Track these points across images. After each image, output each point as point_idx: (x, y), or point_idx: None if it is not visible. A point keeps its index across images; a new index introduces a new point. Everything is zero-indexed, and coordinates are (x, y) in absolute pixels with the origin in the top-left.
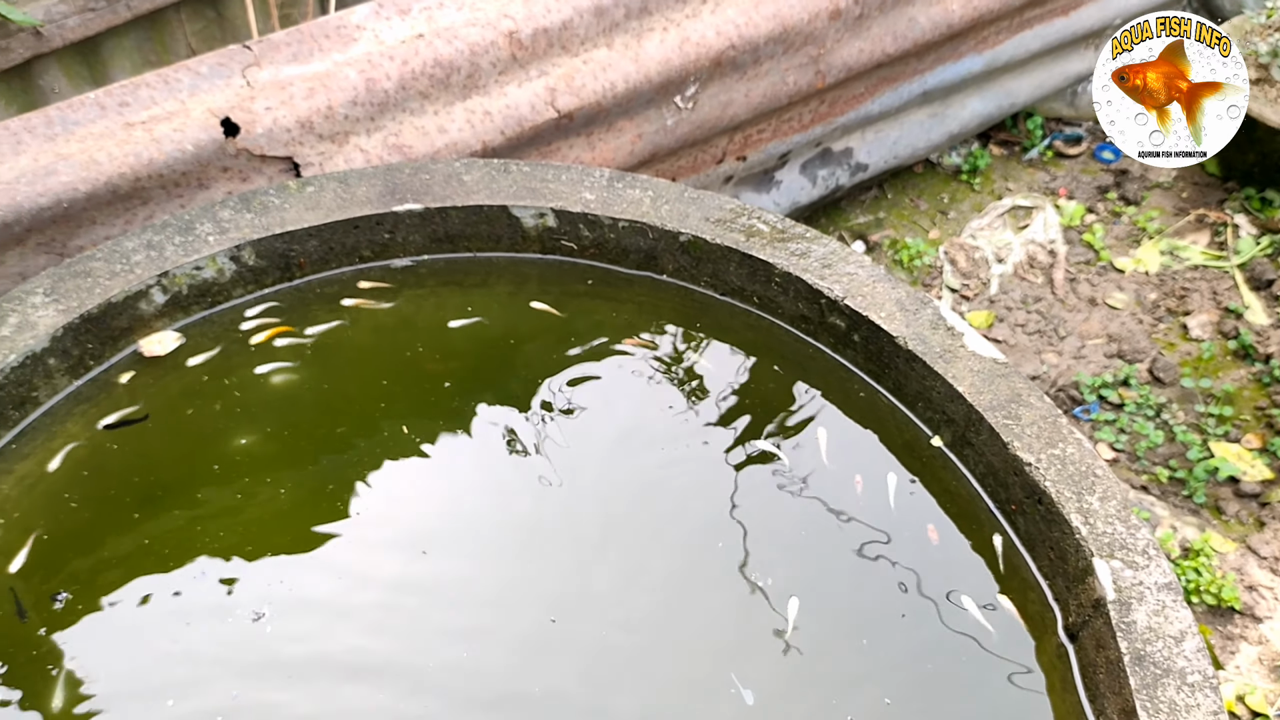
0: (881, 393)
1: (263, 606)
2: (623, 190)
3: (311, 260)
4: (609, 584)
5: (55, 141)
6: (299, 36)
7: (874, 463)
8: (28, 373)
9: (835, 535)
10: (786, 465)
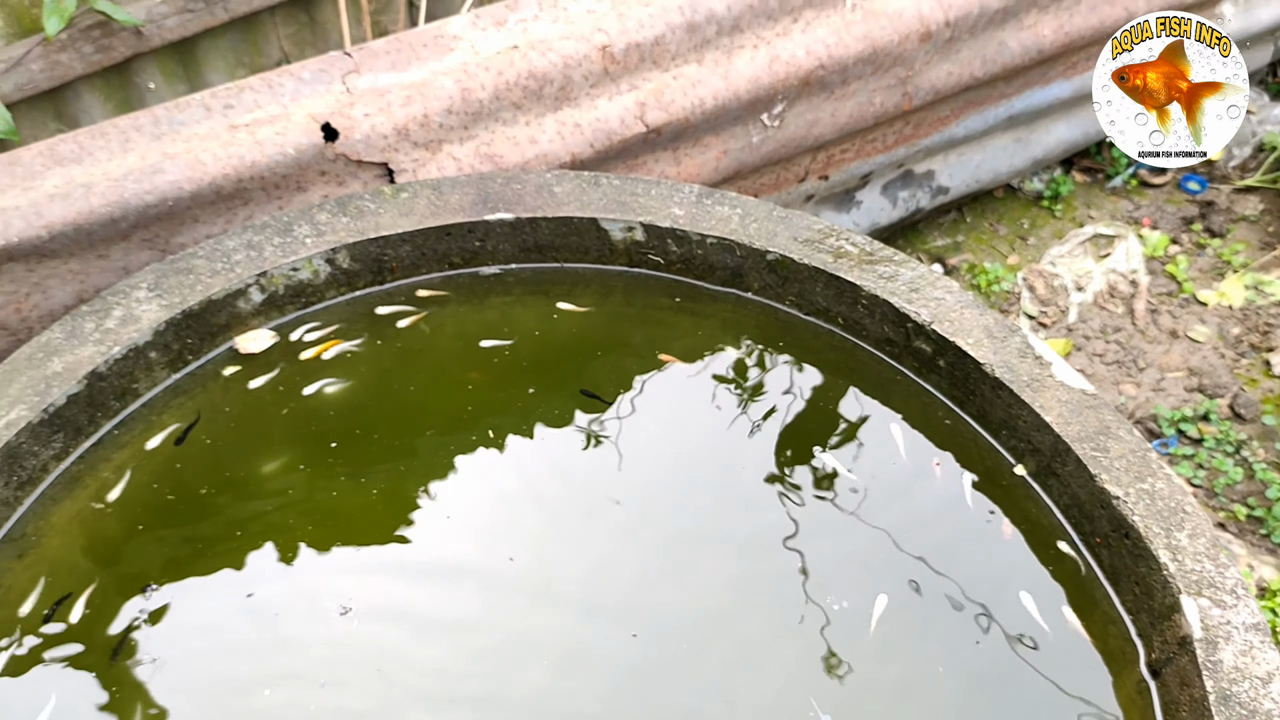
0: (964, 419)
1: (350, 601)
2: (711, 207)
3: (403, 265)
4: (686, 602)
5: (162, 141)
6: (398, 45)
7: (953, 489)
8: (130, 364)
9: (908, 558)
10: (862, 486)
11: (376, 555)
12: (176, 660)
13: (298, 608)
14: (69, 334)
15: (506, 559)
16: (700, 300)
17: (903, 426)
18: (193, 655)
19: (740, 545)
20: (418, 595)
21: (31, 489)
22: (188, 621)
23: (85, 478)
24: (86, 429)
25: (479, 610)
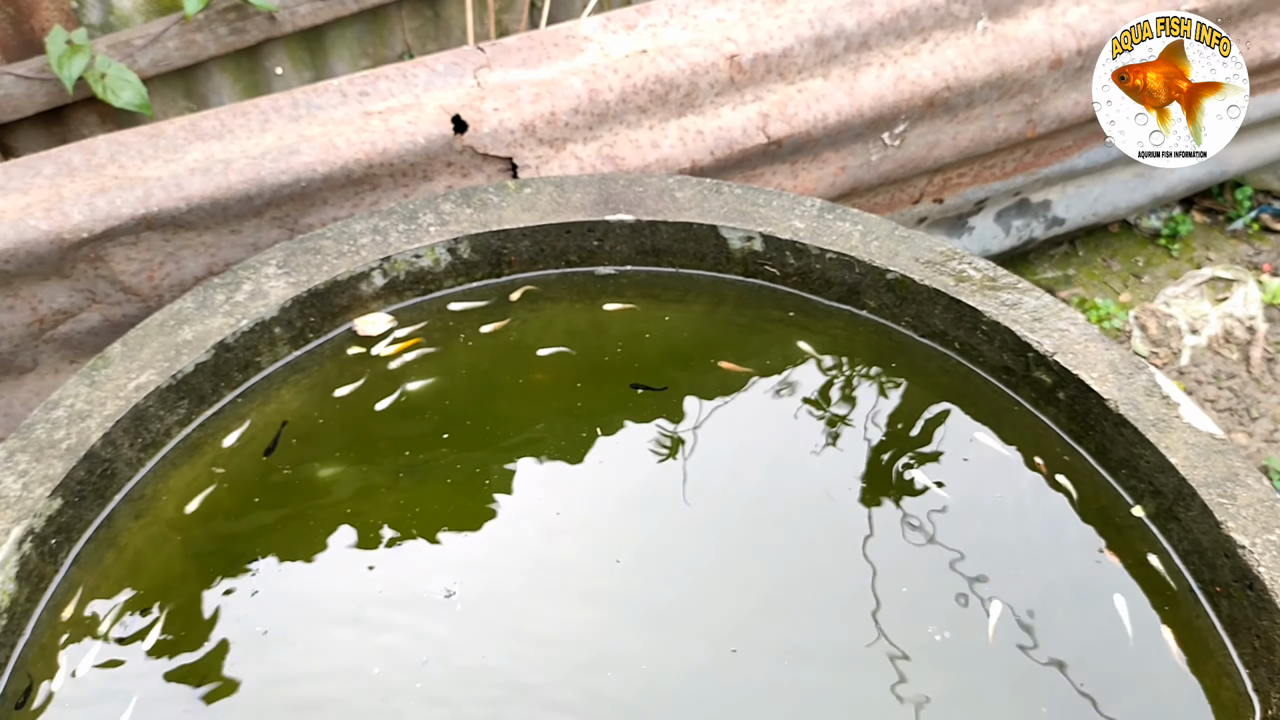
0: (1081, 454)
1: (454, 585)
2: (833, 222)
3: (521, 259)
4: (795, 622)
5: (299, 123)
6: (529, 43)
7: (1062, 524)
8: (255, 338)
9: (1011, 592)
10: (965, 513)
11: (483, 545)
12: (278, 632)
13: (402, 589)
14: (200, 304)
15: (613, 560)
16: (813, 315)
17: (1014, 457)
18: (296, 627)
19: (838, 568)
20: (524, 585)
21: (154, 452)
22: (290, 595)
23: (204, 446)
24: (210, 398)
25: (580, 610)
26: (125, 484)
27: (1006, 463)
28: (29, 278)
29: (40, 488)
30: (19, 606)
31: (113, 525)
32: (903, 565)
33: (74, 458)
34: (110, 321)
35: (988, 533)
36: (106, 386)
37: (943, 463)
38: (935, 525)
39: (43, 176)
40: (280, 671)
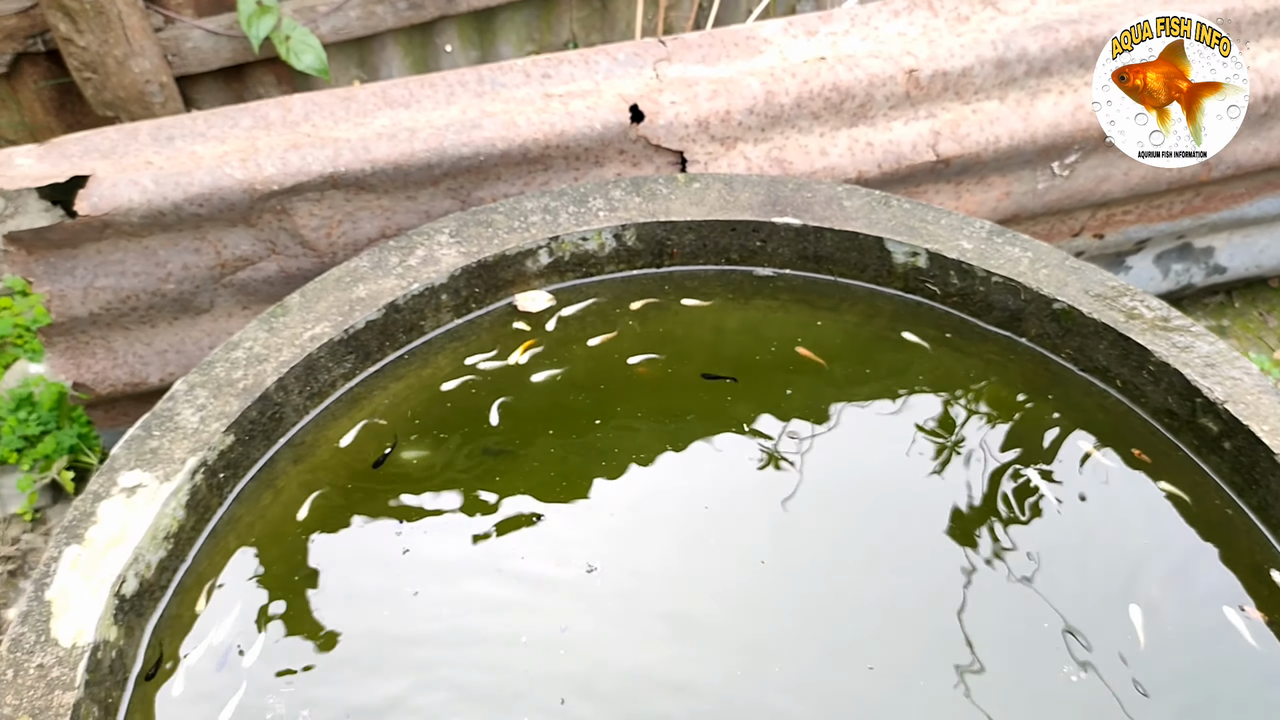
0: (1242, 508)
1: (595, 561)
2: (1002, 246)
3: (683, 252)
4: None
5: (483, 99)
6: (710, 40)
7: (1211, 578)
8: (423, 302)
9: (1151, 640)
10: (1110, 555)
11: (626, 525)
12: (428, 595)
13: (546, 558)
14: (375, 264)
15: (759, 561)
16: (968, 337)
17: (1165, 503)
18: (443, 591)
19: (982, 597)
20: (663, 567)
21: (319, 401)
22: (435, 558)
23: (363, 401)
24: (374, 355)
25: (718, 605)
26: (290, 429)
27: (1158, 508)
28: (218, 223)
29: (216, 423)
30: (185, 533)
31: (274, 467)
32: (1041, 602)
33: (249, 398)
34: (285, 272)
35: (1132, 578)
36: (284, 334)
37: (1090, 501)
38: (1080, 564)
39: (240, 128)
40: (426, 631)
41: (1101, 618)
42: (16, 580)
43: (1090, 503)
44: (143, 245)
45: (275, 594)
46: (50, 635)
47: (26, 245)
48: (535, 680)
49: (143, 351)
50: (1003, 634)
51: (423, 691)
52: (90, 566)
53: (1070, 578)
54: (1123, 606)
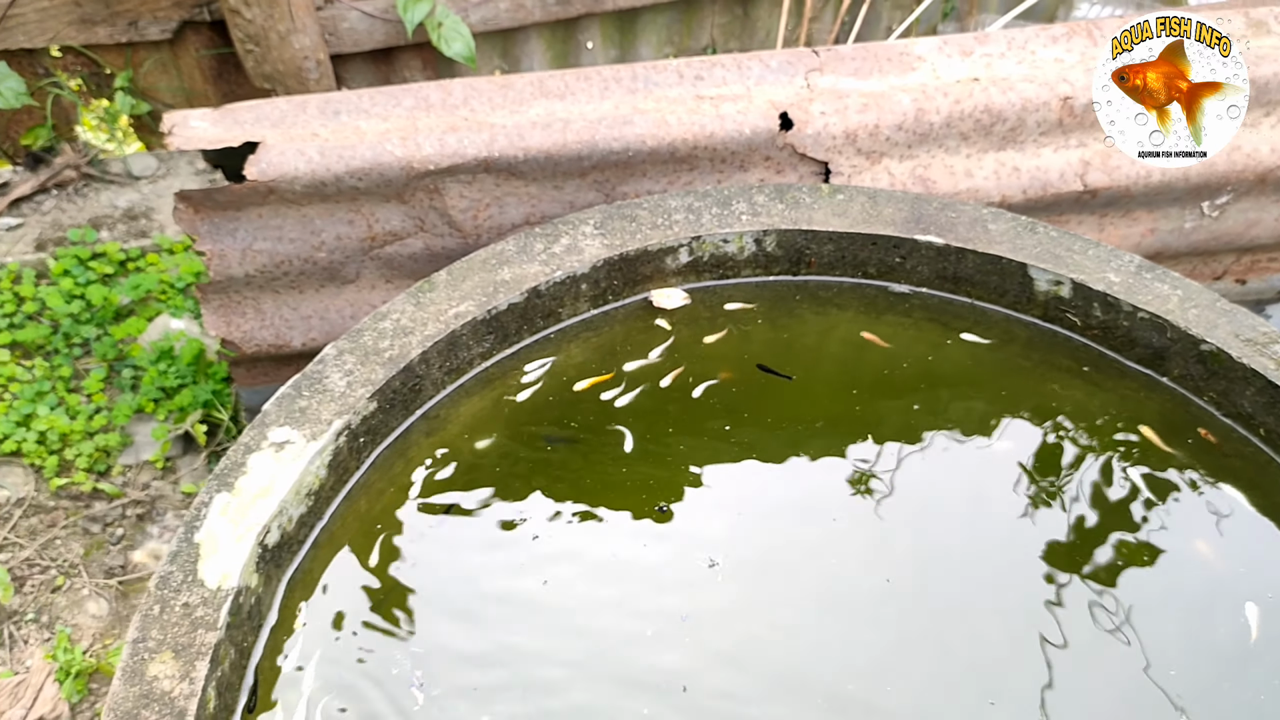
0: None
1: (717, 556)
2: (1150, 282)
3: (821, 263)
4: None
5: (636, 96)
6: (863, 53)
7: None
8: (563, 290)
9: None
10: (1236, 618)
11: (749, 524)
12: (558, 584)
13: (669, 552)
14: (520, 249)
15: (883, 579)
16: (1105, 371)
17: None
18: (571, 581)
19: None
20: (781, 566)
21: (457, 377)
22: (565, 549)
23: (496, 381)
24: (511, 337)
25: (836, 612)
26: (427, 402)
27: None
28: (374, 197)
29: (361, 389)
30: (325, 492)
31: (408, 438)
32: (1161, 655)
33: (394, 368)
34: (430, 250)
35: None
36: (430, 309)
37: (1223, 554)
38: (1212, 626)
39: (402, 107)
40: (556, 621)
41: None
42: (144, 524)
43: (1225, 556)
44: (301, 213)
45: (399, 561)
46: (197, 576)
47: (195, 204)
48: (653, 668)
49: (289, 315)
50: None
51: (540, 665)
52: (238, 514)
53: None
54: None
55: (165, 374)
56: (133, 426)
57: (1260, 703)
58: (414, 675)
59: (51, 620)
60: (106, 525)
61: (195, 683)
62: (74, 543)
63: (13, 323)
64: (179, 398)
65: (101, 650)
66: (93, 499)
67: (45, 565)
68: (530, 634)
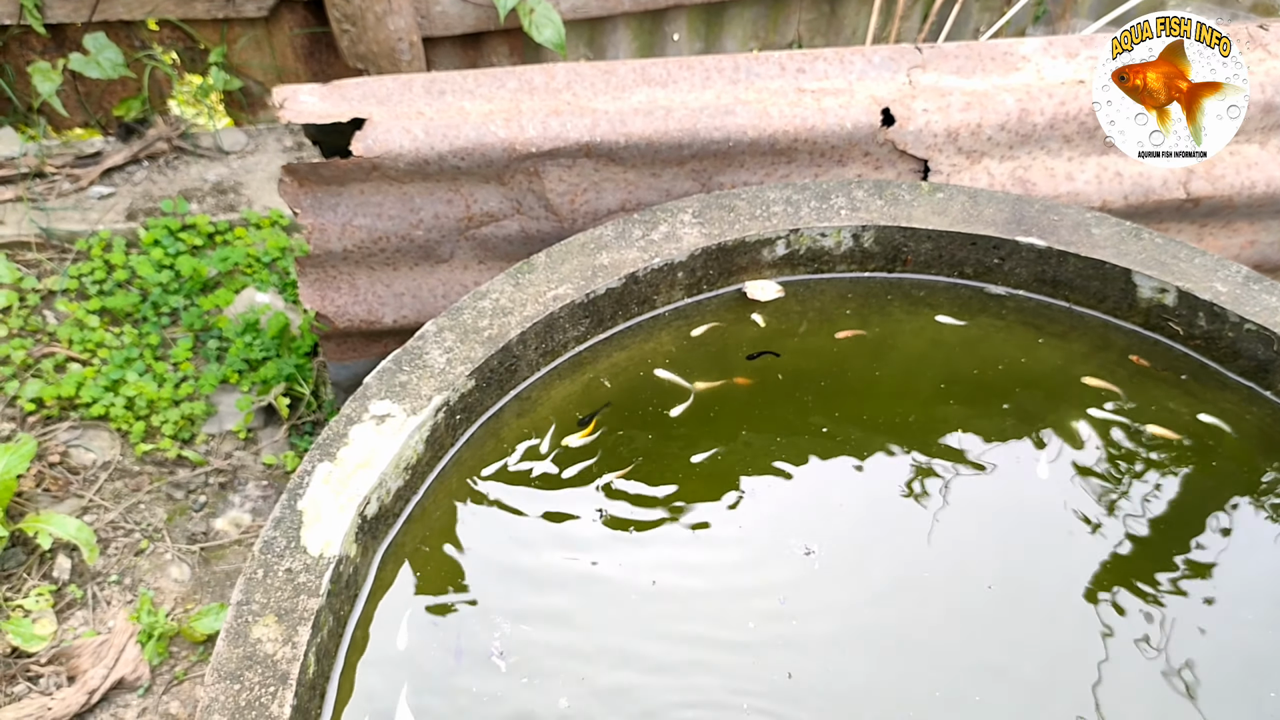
0: None
1: (813, 544)
2: (1259, 293)
3: (918, 261)
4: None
5: (737, 86)
6: (966, 52)
7: None
8: (660, 277)
9: None
10: None
11: (843, 515)
12: (629, 561)
13: (766, 541)
14: (619, 235)
15: (982, 584)
16: (1206, 383)
17: None
18: (638, 562)
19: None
20: (870, 558)
21: (551, 359)
22: (653, 536)
23: (587, 366)
24: (606, 322)
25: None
26: (521, 382)
27: None
28: (474, 178)
29: (461, 366)
30: (421, 467)
31: (500, 417)
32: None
33: (493, 347)
34: (525, 233)
35: None
36: (529, 290)
37: None
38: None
39: (506, 89)
40: (652, 594)
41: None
42: (226, 493)
43: None
44: (402, 191)
45: (489, 539)
46: (300, 543)
47: (300, 178)
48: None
49: (382, 292)
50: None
51: (607, 632)
52: (340, 484)
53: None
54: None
55: (250, 346)
56: (217, 396)
57: None
58: (494, 646)
59: (134, 583)
60: (190, 492)
61: (298, 647)
62: (158, 508)
63: (103, 290)
64: (263, 370)
65: (183, 614)
66: (177, 465)
67: (129, 529)
68: (602, 609)
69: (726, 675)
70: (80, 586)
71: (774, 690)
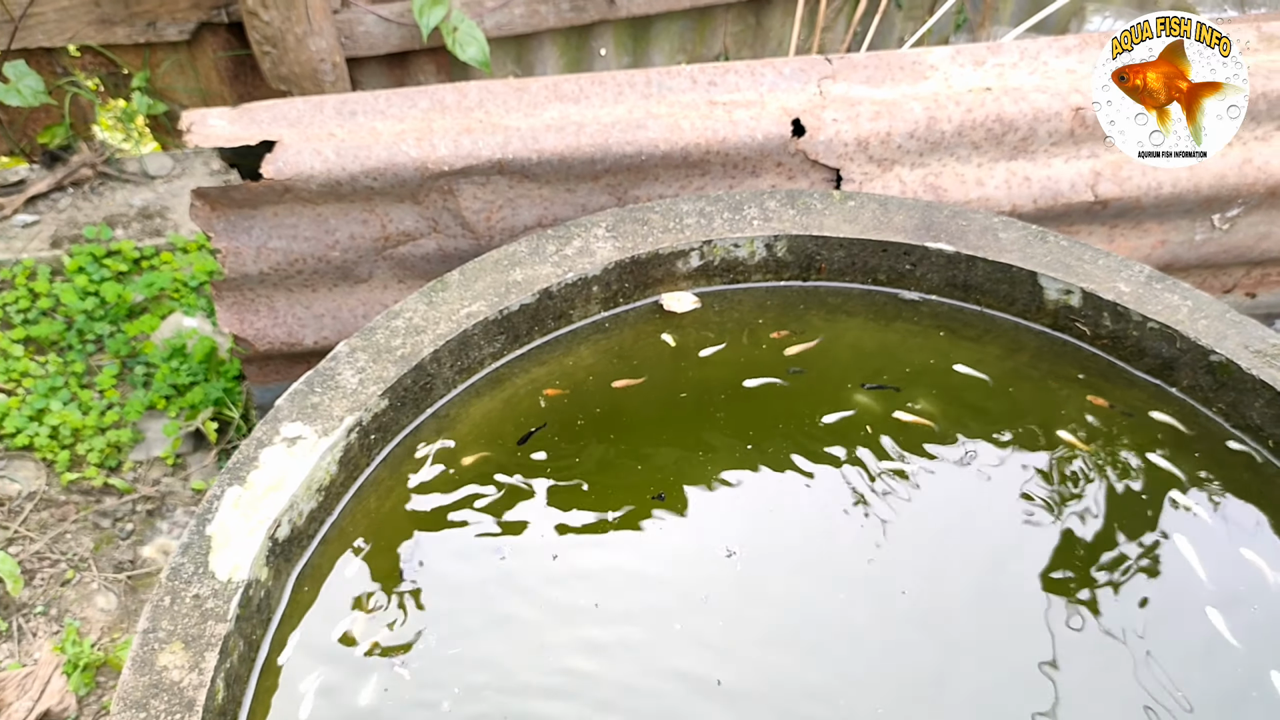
0: None
1: (735, 547)
2: (1160, 292)
3: (832, 269)
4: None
5: (649, 100)
6: (875, 61)
7: None
8: (575, 292)
9: None
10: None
11: (764, 519)
12: (552, 574)
13: (687, 543)
14: (532, 251)
15: (866, 560)
16: (1114, 382)
17: None
18: (588, 565)
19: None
20: (793, 561)
21: (467, 377)
22: (560, 543)
23: (505, 382)
24: (522, 338)
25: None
26: (437, 401)
27: None
28: (388, 197)
29: (374, 386)
30: (335, 488)
31: (418, 435)
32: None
33: (405, 366)
34: (443, 251)
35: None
36: (442, 308)
37: (1230, 563)
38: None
39: (418, 109)
40: (577, 600)
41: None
42: (154, 520)
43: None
44: (316, 212)
45: (406, 557)
46: (208, 568)
47: (212, 201)
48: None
49: (302, 314)
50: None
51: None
52: (250, 508)
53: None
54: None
55: (177, 371)
56: (144, 423)
57: None
58: (407, 661)
59: (60, 613)
60: (116, 520)
61: (204, 673)
62: (84, 537)
63: (27, 318)
64: (190, 395)
65: (110, 644)
66: (103, 494)
67: (55, 559)
68: (520, 625)
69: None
70: (4, 619)
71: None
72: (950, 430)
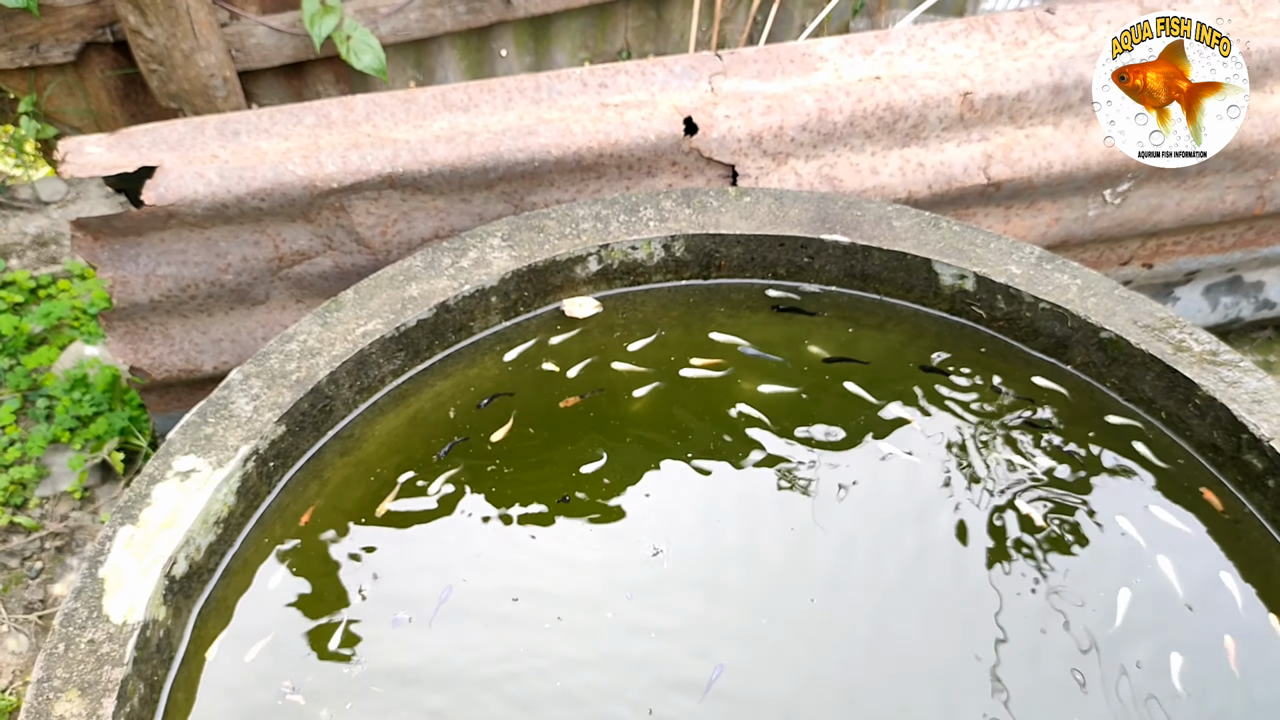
0: None
1: (661, 544)
2: (1050, 272)
3: (731, 265)
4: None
5: (540, 106)
6: (766, 55)
7: (1250, 616)
8: (473, 304)
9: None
10: (1140, 594)
11: (687, 518)
12: (467, 590)
13: (613, 542)
14: (428, 264)
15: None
16: (1012, 362)
17: (1207, 541)
18: (515, 569)
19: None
20: (717, 554)
21: (368, 396)
22: (491, 550)
23: (410, 397)
24: (424, 353)
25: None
26: (339, 422)
27: (1191, 544)
28: (278, 217)
29: (269, 413)
30: (235, 519)
31: (321, 459)
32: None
33: (301, 390)
34: (340, 268)
35: (1160, 617)
36: (337, 329)
37: (1123, 533)
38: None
39: (304, 125)
40: (501, 600)
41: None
42: (64, 556)
43: (1128, 536)
44: (204, 236)
45: (314, 583)
46: (102, 612)
47: (93, 231)
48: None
49: (198, 339)
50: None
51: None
52: (143, 547)
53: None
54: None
55: (80, 402)
56: (49, 457)
57: None
58: (320, 686)
59: None
60: (24, 559)
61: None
62: None
63: None
64: (94, 426)
65: (23, 688)
66: (9, 533)
67: None
68: (426, 655)
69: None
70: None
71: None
72: (851, 415)
